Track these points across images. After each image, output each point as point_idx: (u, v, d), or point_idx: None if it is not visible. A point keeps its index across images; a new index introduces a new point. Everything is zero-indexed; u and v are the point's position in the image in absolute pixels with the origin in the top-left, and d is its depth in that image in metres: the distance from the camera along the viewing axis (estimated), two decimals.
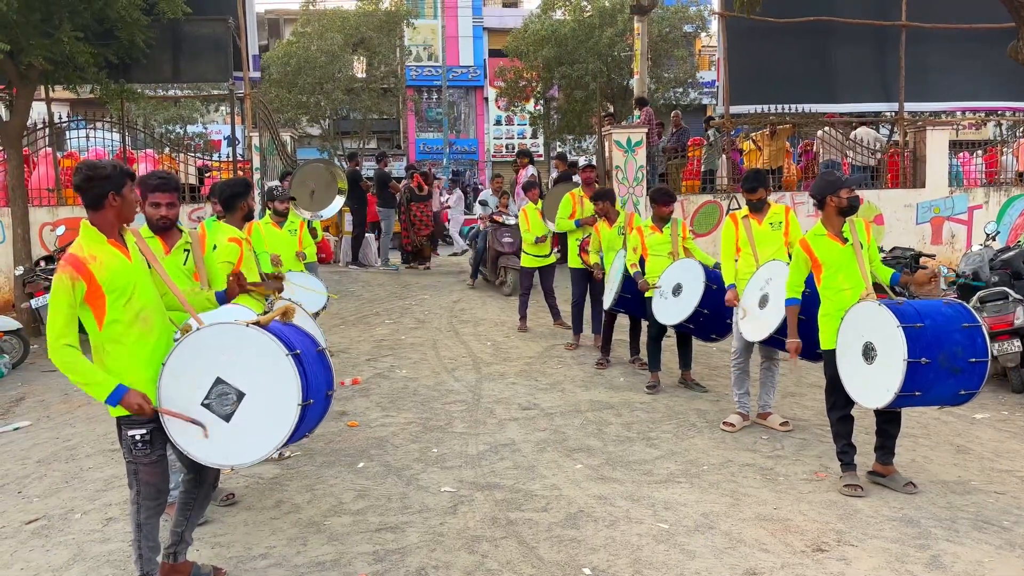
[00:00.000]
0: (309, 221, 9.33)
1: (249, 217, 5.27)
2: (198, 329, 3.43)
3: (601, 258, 7.89)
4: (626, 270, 7.31)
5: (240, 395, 3.36)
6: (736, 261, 6.16)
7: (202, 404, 3.36)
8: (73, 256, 3.29)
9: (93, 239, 3.35)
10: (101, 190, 3.33)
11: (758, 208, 6.12)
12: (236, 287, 4.04)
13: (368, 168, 22.28)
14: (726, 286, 6.12)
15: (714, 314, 6.44)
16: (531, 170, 13.58)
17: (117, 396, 3.26)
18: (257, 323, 3.48)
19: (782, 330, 5.44)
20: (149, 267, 3.54)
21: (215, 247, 4.78)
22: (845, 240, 4.85)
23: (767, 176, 6.89)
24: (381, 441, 5.80)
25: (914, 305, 4.54)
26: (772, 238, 6.05)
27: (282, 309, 3.70)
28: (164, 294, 3.62)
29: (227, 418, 3.36)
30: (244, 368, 3.38)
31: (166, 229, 4.17)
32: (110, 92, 10.64)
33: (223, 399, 3.36)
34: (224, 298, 3.96)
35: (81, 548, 4.20)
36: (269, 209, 7.60)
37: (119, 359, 3.36)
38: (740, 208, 6.41)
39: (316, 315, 6.92)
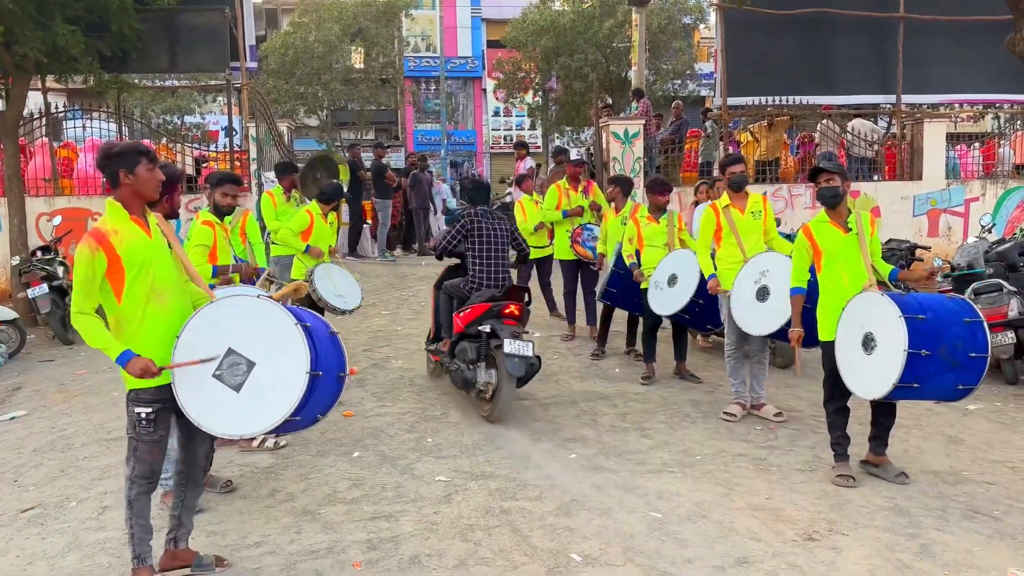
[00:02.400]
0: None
1: (220, 212, 5.52)
2: (212, 302, 3.51)
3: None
4: (616, 264, 7.35)
5: (251, 365, 3.40)
6: (716, 250, 6.19)
7: (213, 375, 3.40)
8: (96, 230, 3.39)
9: (116, 215, 3.45)
10: (114, 169, 3.44)
11: (738, 185, 6.13)
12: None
13: (365, 159, 22.19)
14: (706, 277, 6.14)
15: (709, 304, 6.45)
16: (529, 162, 13.59)
17: (124, 359, 3.34)
18: (269, 298, 3.56)
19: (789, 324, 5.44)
20: (170, 247, 3.60)
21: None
22: (848, 229, 4.84)
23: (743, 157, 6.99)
24: (376, 431, 5.82)
25: (916, 297, 4.55)
26: (754, 227, 6.09)
27: (294, 286, 3.78)
28: (186, 280, 3.68)
29: (238, 388, 3.40)
30: (254, 338, 3.43)
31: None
32: (104, 83, 10.61)
33: (234, 369, 3.39)
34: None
35: (76, 536, 4.23)
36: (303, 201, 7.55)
37: (135, 335, 3.42)
38: (719, 198, 6.42)
39: (351, 312, 7.01)
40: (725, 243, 6.14)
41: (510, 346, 5.66)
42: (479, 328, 5.94)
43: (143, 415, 3.46)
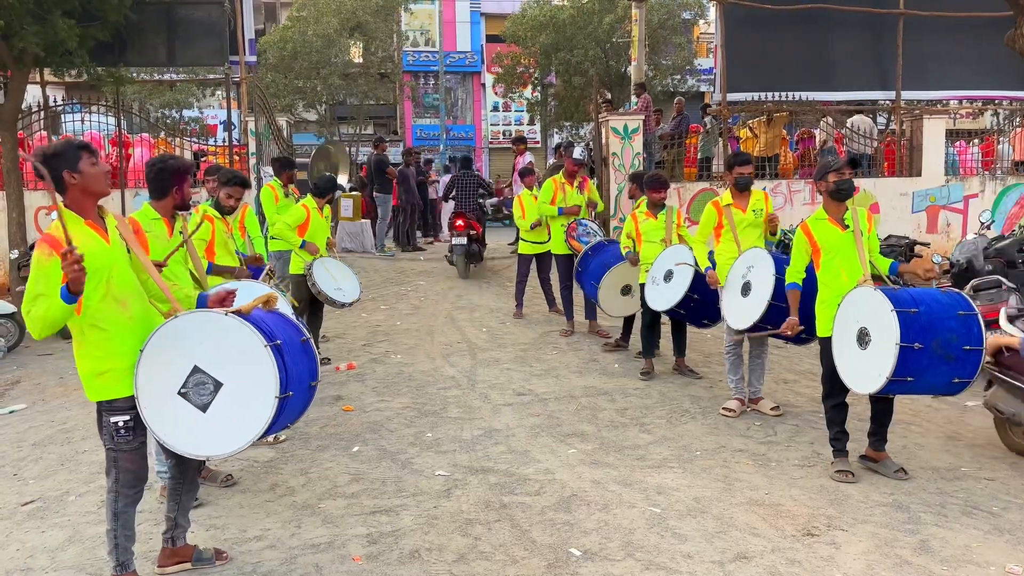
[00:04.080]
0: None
1: (222, 209, 5.54)
2: (176, 316, 3.37)
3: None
4: (593, 246, 7.90)
5: (217, 385, 3.30)
6: (715, 246, 6.21)
7: (179, 393, 3.30)
8: (49, 235, 3.20)
9: (70, 220, 3.24)
10: (56, 170, 3.20)
11: (744, 186, 6.14)
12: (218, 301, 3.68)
13: (363, 154, 22.17)
14: (703, 269, 6.17)
15: (704, 300, 6.46)
16: (528, 157, 13.57)
17: (64, 292, 3.00)
18: (238, 311, 3.41)
19: (766, 318, 5.47)
20: (129, 252, 3.45)
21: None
22: (846, 226, 4.85)
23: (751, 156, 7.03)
24: (376, 425, 5.82)
25: (910, 292, 4.56)
26: (755, 224, 6.10)
27: (264, 297, 3.61)
28: (145, 281, 3.54)
29: (204, 408, 3.30)
30: (222, 357, 3.32)
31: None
32: (98, 76, 10.58)
33: (200, 388, 3.30)
34: (205, 302, 3.67)
35: (77, 530, 4.23)
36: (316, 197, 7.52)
37: (99, 345, 3.30)
38: (720, 195, 6.44)
39: (350, 305, 7.03)
40: (724, 239, 6.16)
41: (454, 240, 11.77)
42: (450, 233, 12.02)
43: (120, 424, 3.33)
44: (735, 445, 5.40)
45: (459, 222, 11.55)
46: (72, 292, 3.00)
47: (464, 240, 11.55)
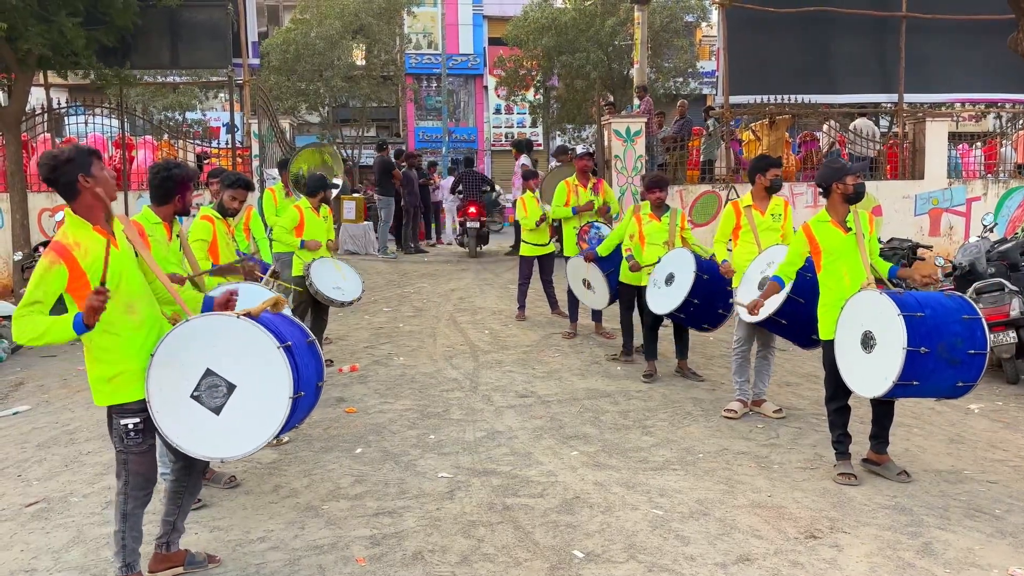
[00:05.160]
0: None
1: (224, 211, 5.57)
2: (187, 320, 3.40)
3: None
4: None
5: (231, 387, 3.33)
6: (732, 248, 6.21)
7: (191, 396, 3.32)
8: (57, 243, 3.21)
9: (77, 226, 3.26)
10: (70, 176, 3.22)
11: (777, 188, 6.15)
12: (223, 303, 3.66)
13: (367, 156, 22.20)
14: (719, 261, 6.18)
15: (705, 304, 6.45)
16: (523, 159, 13.56)
17: (79, 321, 3.07)
18: (248, 313, 3.43)
19: (780, 312, 5.45)
20: (137, 256, 3.46)
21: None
22: (848, 229, 4.86)
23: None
24: (379, 427, 5.83)
25: (915, 295, 4.56)
26: (773, 228, 6.11)
27: (272, 300, 3.64)
28: (152, 282, 3.55)
29: (217, 411, 3.32)
30: (235, 360, 3.35)
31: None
32: (105, 77, 10.62)
33: (213, 391, 3.32)
34: (211, 304, 3.65)
35: (80, 531, 4.24)
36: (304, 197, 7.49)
37: (110, 350, 3.30)
38: (741, 197, 6.45)
39: (350, 304, 7.06)
40: (742, 241, 6.18)
41: (468, 224, 13.75)
42: (461, 219, 14.13)
43: (131, 426, 3.35)
44: (738, 447, 5.41)
45: (472, 208, 13.72)
46: (87, 324, 3.06)
47: (477, 224, 13.79)
